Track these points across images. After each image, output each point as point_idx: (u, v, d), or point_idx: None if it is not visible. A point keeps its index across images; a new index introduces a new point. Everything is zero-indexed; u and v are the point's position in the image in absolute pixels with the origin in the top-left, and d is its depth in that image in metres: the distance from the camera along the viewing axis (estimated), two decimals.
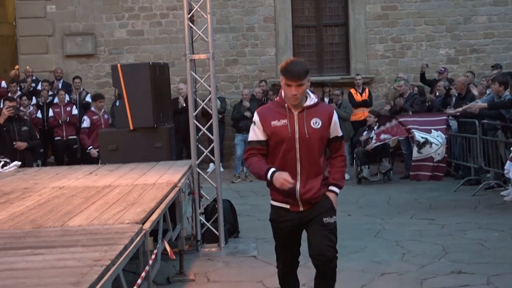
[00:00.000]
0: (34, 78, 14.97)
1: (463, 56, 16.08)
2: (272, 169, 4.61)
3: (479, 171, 11.84)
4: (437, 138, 10.05)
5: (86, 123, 13.08)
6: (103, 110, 13.34)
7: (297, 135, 4.62)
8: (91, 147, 12.84)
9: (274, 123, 4.65)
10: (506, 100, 10.34)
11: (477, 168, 11.75)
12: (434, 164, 10.11)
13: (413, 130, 10.23)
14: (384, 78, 15.97)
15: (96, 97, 13.38)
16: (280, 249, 4.94)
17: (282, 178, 4.52)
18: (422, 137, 10.11)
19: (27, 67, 14.92)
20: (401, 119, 10.96)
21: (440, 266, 6.90)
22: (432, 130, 10.17)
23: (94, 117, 13.09)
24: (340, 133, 4.82)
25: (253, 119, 4.76)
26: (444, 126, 10.34)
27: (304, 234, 4.88)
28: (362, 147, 12.81)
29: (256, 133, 4.72)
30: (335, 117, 4.78)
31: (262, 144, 4.71)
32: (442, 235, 8.31)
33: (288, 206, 4.76)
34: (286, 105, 4.66)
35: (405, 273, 6.69)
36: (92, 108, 13.42)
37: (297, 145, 4.63)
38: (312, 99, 4.72)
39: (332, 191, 4.80)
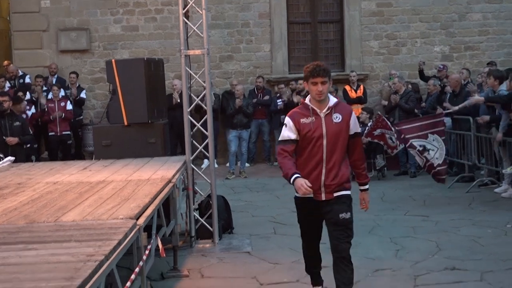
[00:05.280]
0: (20, 73, 14.80)
1: (457, 53, 16.09)
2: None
3: (473, 168, 11.86)
4: (432, 143, 10.20)
5: None
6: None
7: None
8: None
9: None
10: (502, 95, 10.36)
11: (471, 165, 11.77)
12: (436, 170, 10.41)
13: (411, 140, 10.44)
14: (379, 75, 15.97)
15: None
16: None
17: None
18: (420, 145, 10.39)
19: (11, 65, 14.73)
20: (399, 128, 10.97)
21: (433, 263, 6.92)
22: (429, 135, 10.32)
23: None
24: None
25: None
26: (441, 128, 10.41)
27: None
28: None
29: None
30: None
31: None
32: (436, 231, 8.33)
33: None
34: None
35: (399, 270, 6.70)
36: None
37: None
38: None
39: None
